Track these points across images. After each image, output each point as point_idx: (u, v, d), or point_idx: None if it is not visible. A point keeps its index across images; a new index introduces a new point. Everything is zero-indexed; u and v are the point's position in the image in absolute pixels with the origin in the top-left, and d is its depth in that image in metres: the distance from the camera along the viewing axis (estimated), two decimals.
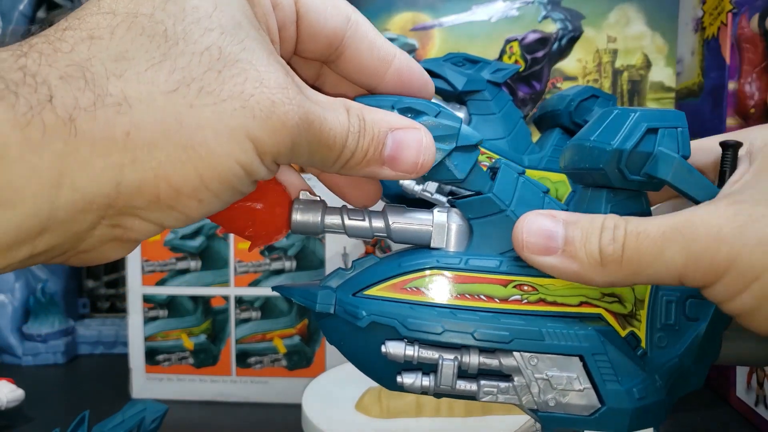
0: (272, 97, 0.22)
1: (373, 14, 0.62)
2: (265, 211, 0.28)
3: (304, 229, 0.29)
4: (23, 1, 0.72)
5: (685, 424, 0.56)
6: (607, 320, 0.28)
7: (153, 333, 0.65)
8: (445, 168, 0.28)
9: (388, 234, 0.29)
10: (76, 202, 0.20)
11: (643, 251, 0.24)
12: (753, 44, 0.58)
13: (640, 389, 0.28)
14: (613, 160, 0.27)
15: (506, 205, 0.28)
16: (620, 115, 0.27)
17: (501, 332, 0.27)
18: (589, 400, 0.28)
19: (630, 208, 0.28)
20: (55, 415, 0.59)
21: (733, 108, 0.59)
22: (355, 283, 0.29)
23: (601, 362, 0.28)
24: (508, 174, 0.29)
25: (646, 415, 0.28)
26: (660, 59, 0.59)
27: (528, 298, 0.28)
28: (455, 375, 0.28)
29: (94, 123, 0.20)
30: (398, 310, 0.28)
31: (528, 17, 0.60)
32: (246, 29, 0.23)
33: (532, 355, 0.28)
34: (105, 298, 0.80)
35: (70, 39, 0.21)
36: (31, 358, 0.72)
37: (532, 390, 0.28)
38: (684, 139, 0.27)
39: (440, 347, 0.28)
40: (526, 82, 0.61)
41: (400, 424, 0.51)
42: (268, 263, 0.64)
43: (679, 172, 0.26)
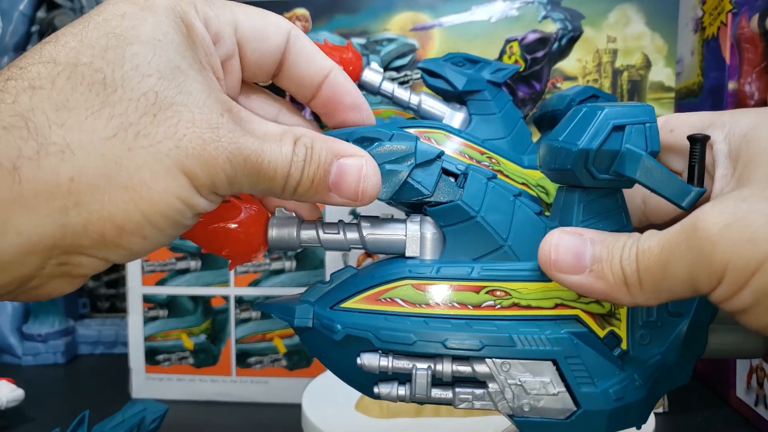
0: (202, 136, 0.24)
1: (373, 14, 0.62)
2: (240, 230, 0.29)
3: (282, 245, 0.30)
4: (23, 1, 0.72)
5: (685, 424, 0.56)
6: (585, 321, 0.28)
7: (153, 333, 0.65)
8: (411, 187, 0.28)
9: (363, 245, 0.30)
10: (20, 246, 0.21)
11: (652, 268, 0.25)
12: (753, 44, 0.58)
13: (617, 390, 0.28)
14: (580, 160, 0.26)
15: (476, 211, 0.29)
16: (588, 114, 0.27)
17: (472, 340, 0.27)
18: (564, 404, 0.28)
19: (603, 207, 0.28)
20: (55, 415, 0.59)
21: (733, 108, 0.59)
22: (333, 296, 0.29)
23: (574, 365, 0.27)
24: (477, 180, 0.29)
25: (625, 415, 0.28)
26: (660, 59, 0.59)
27: (501, 303, 0.28)
28: (429, 384, 0.28)
29: (39, 170, 0.21)
30: (372, 321, 0.28)
31: (528, 17, 0.60)
32: (185, 72, 0.24)
33: (504, 361, 0.28)
34: (105, 298, 0.80)
35: (13, 90, 0.22)
36: (31, 358, 0.72)
37: (506, 396, 0.28)
38: (653, 134, 0.26)
39: (414, 357, 0.28)
40: (525, 82, 0.61)
41: (400, 424, 0.51)
42: (268, 263, 0.64)
43: (647, 169, 0.26)
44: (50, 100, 0.22)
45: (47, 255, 0.22)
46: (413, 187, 0.28)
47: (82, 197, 0.22)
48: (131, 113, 0.23)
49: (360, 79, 0.47)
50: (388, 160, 0.28)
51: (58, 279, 0.24)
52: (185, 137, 0.23)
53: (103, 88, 0.23)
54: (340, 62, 0.46)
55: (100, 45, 0.23)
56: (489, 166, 0.41)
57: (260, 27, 0.28)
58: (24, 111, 0.22)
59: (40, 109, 0.22)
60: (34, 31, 0.74)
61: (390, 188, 0.28)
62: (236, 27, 0.28)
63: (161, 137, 0.23)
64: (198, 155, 0.23)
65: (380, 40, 0.62)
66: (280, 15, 0.67)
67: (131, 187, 0.23)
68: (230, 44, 0.28)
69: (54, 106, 0.22)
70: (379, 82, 0.47)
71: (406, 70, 0.62)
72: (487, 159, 0.41)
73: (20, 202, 0.21)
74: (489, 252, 0.29)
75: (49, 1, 0.73)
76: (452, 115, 0.45)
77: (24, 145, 0.21)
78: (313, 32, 0.63)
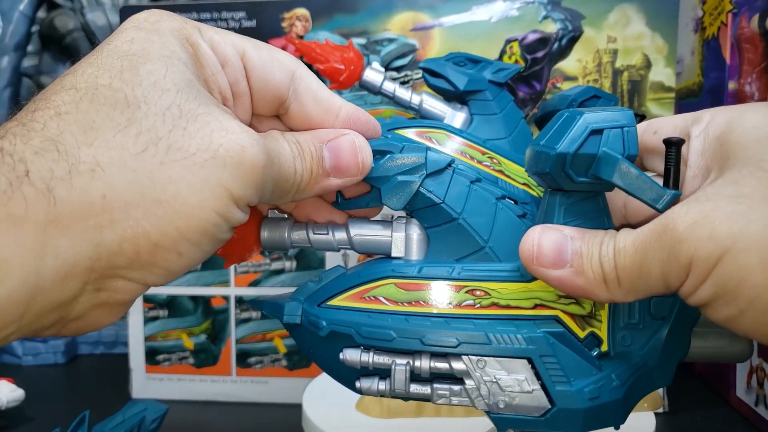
0: (240, 142, 0.24)
1: (373, 14, 0.62)
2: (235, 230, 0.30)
3: (273, 246, 0.31)
4: (23, 1, 0.72)
5: (685, 424, 0.56)
6: (564, 322, 0.29)
7: (153, 333, 0.65)
8: (423, 196, 0.29)
9: (351, 246, 0.31)
10: (59, 269, 0.21)
11: (629, 267, 0.25)
12: (753, 44, 0.58)
13: (593, 390, 0.28)
14: (558, 164, 0.27)
15: (458, 213, 0.29)
16: (568, 118, 0.27)
17: (449, 337, 0.28)
18: (539, 402, 0.28)
19: (584, 210, 0.28)
20: (55, 415, 0.59)
21: None
22: (321, 294, 0.30)
23: (549, 364, 0.28)
24: (460, 183, 0.30)
25: (601, 414, 0.28)
26: (660, 59, 0.59)
27: (480, 302, 0.29)
28: (408, 379, 0.29)
29: (71, 190, 0.21)
30: (355, 318, 0.29)
31: (528, 17, 0.60)
32: (196, 85, 0.25)
33: (479, 358, 0.28)
34: None
35: (41, 118, 0.22)
36: (31, 358, 0.72)
37: (482, 392, 0.28)
38: (631, 138, 0.27)
39: (394, 353, 0.29)
40: (526, 82, 0.61)
41: (401, 423, 0.51)
42: (268, 263, 0.64)
43: (623, 173, 0.26)
44: (77, 123, 0.22)
45: (85, 279, 0.22)
46: (425, 196, 0.29)
47: (115, 214, 0.22)
48: (159, 127, 0.23)
49: (361, 78, 0.47)
50: (399, 171, 0.29)
51: (99, 309, 0.24)
52: (221, 147, 0.23)
53: (127, 106, 0.23)
54: (342, 62, 0.46)
55: (116, 67, 0.24)
56: (490, 167, 0.41)
57: (267, 58, 0.29)
58: (53, 135, 0.22)
59: (68, 131, 0.22)
60: (34, 31, 0.74)
61: (403, 198, 0.29)
62: (243, 54, 0.28)
63: (195, 149, 0.23)
64: (237, 163, 0.23)
65: (380, 40, 0.62)
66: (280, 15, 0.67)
67: (165, 201, 0.22)
68: (238, 69, 0.28)
69: (81, 128, 0.22)
70: (381, 81, 0.47)
71: (406, 70, 0.62)
72: (488, 159, 0.41)
73: (56, 224, 0.21)
74: (471, 253, 0.30)
75: (49, 1, 0.73)
76: (453, 114, 0.45)
77: (56, 167, 0.21)
78: (313, 32, 0.63)
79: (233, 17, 0.64)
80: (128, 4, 0.70)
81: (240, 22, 0.64)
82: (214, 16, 0.64)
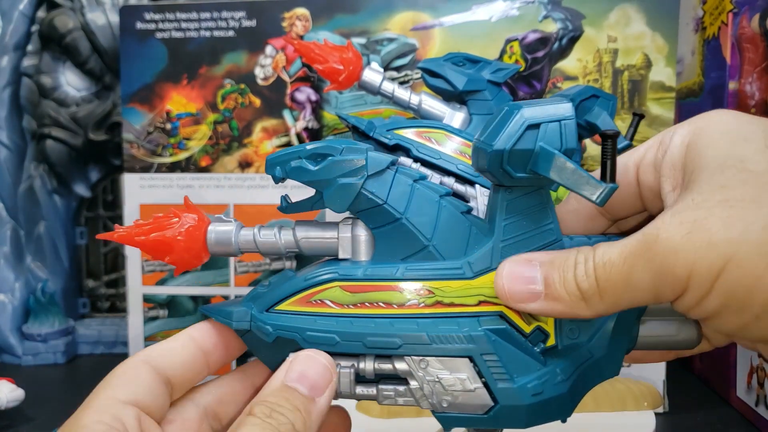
0: None
1: (374, 14, 0.62)
2: (181, 239, 0.30)
3: (222, 251, 0.31)
4: (23, 1, 0.72)
5: (685, 424, 0.56)
6: (509, 317, 0.29)
7: (153, 333, 0.65)
8: (365, 197, 0.29)
9: (298, 248, 0.31)
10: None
11: (614, 280, 0.25)
12: (753, 44, 0.58)
13: (536, 385, 0.28)
14: (495, 160, 0.27)
15: (401, 213, 0.29)
16: (506, 113, 0.27)
17: (391, 339, 0.28)
18: (481, 400, 0.28)
19: (526, 205, 0.28)
20: (55, 415, 0.59)
21: (734, 108, 0.59)
22: (269, 299, 0.30)
23: (490, 362, 0.28)
24: (402, 182, 0.29)
25: (545, 409, 0.28)
26: (660, 59, 0.59)
27: (425, 301, 0.29)
28: (353, 381, 0.29)
29: None
30: (300, 323, 0.29)
31: (528, 17, 0.60)
32: None
33: (421, 358, 0.28)
34: (105, 298, 0.80)
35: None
36: (31, 357, 0.72)
37: (425, 392, 0.28)
38: (569, 132, 0.26)
39: (339, 356, 0.29)
40: (526, 81, 0.61)
41: (401, 424, 0.51)
42: (268, 263, 0.64)
43: (560, 167, 0.26)
44: None
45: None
46: (367, 197, 0.29)
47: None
48: None
49: (360, 79, 0.47)
50: (340, 174, 0.29)
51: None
52: None
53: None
54: (340, 62, 0.46)
55: None
56: None
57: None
58: None
59: None
60: (34, 30, 0.74)
61: (345, 201, 0.29)
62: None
63: None
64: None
65: (380, 39, 0.62)
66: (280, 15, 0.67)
67: None
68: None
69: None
70: (379, 82, 0.47)
71: (406, 69, 0.62)
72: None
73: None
74: (415, 252, 0.29)
75: (49, 1, 0.73)
76: (452, 114, 0.45)
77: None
78: (313, 32, 0.63)
79: (233, 17, 0.64)
80: (128, 4, 0.70)
81: (240, 21, 0.64)
82: (214, 16, 0.64)
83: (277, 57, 0.64)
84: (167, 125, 0.66)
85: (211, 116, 0.65)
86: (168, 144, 0.66)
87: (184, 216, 0.31)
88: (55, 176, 0.75)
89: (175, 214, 0.31)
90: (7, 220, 0.74)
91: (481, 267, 0.29)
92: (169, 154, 0.66)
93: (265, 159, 0.29)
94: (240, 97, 0.65)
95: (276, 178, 0.29)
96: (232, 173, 0.65)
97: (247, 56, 0.64)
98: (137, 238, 0.30)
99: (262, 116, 0.64)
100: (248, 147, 0.65)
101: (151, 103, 0.65)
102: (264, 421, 0.26)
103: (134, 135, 0.66)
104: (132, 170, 0.66)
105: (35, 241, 0.75)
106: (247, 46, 0.64)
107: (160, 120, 0.65)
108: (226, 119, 0.65)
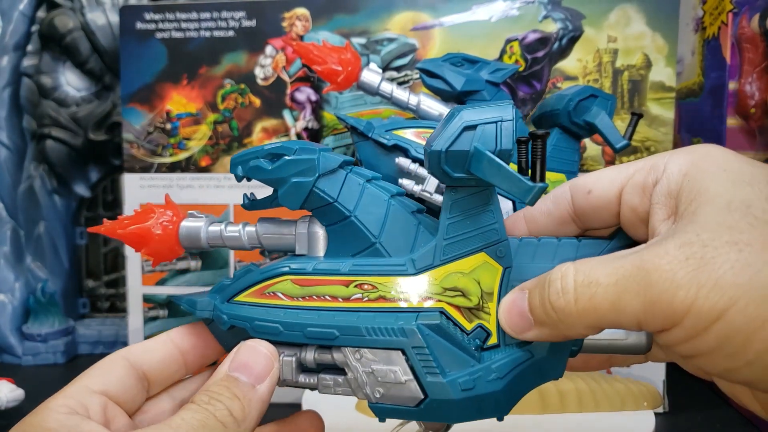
0: None
1: (374, 14, 0.62)
2: (157, 232, 0.33)
3: (192, 245, 0.33)
4: (23, 1, 0.72)
5: (685, 424, 0.56)
6: (450, 314, 0.29)
7: (153, 333, 0.65)
8: (317, 195, 0.30)
9: (260, 244, 0.33)
10: None
11: (598, 301, 0.25)
12: (753, 44, 0.58)
13: (467, 381, 0.28)
14: (434, 161, 0.27)
15: (350, 211, 0.30)
16: (450, 115, 0.28)
17: (329, 330, 0.30)
18: (412, 392, 0.29)
19: (470, 205, 0.29)
20: None
21: (734, 108, 0.59)
22: (231, 290, 0.32)
23: (421, 356, 0.29)
24: (353, 181, 0.31)
25: (477, 405, 0.29)
26: (660, 59, 0.59)
27: (368, 296, 0.30)
28: (295, 369, 0.31)
29: None
30: (252, 313, 0.31)
31: (528, 17, 0.60)
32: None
33: (356, 349, 0.29)
34: (105, 298, 0.80)
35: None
36: (31, 357, 0.72)
37: (359, 382, 0.30)
38: (505, 133, 0.27)
39: (283, 345, 0.31)
40: (526, 81, 0.61)
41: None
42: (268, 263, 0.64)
43: (490, 168, 0.26)
44: None
45: None
46: (319, 195, 0.30)
47: None
48: None
49: (359, 80, 0.47)
50: (294, 172, 0.30)
51: None
52: None
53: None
54: (339, 63, 0.46)
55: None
56: None
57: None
58: None
59: None
60: (34, 30, 0.74)
61: (298, 199, 0.30)
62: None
63: None
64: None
65: (380, 39, 0.62)
66: (280, 15, 0.67)
67: None
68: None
69: None
70: (378, 82, 0.47)
71: (406, 69, 0.62)
72: None
73: None
74: (363, 249, 0.31)
75: (49, 1, 0.73)
76: None
77: None
78: (313, 32, 0.63)
79: (233, 17, 0.64)
80: (128, 4, 0.70)
81: (240, 21, 0.64)
82: (214, 16, 0.64)
83: (277, 57, 0.64)
84: (167, 125, 0.66)
85: (211, 116, 0.65)
86: (168, 144, 0.66)
87: (160, 212, 0.33)
88: (55, 176, 0.75)
89: (153, 210, 0.33)
90: (7, 220, 0.74)
91: (424, 264, 0.30)
92: (169, 154, 0.66)
93: (230, 158, 0.31)
94: (240, 97, 0.65)
95: (238, 176, 0.31)
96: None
97: (247, 56, 0.64)
98: (119, 231, 0.33)
99: (262, 116, 0.64)
100: (248, 147, 0.65)
101: (151, 103, 0.65)
102: (202, 407, 0.27)
103: (134, 135, 0.66)
104: (132, 170, 0.66)
105: (35, 241, 0.75)
106: (247, 46, 0.64)
107: (160, 120, 0.66)
108: (226, 119, 0.65)
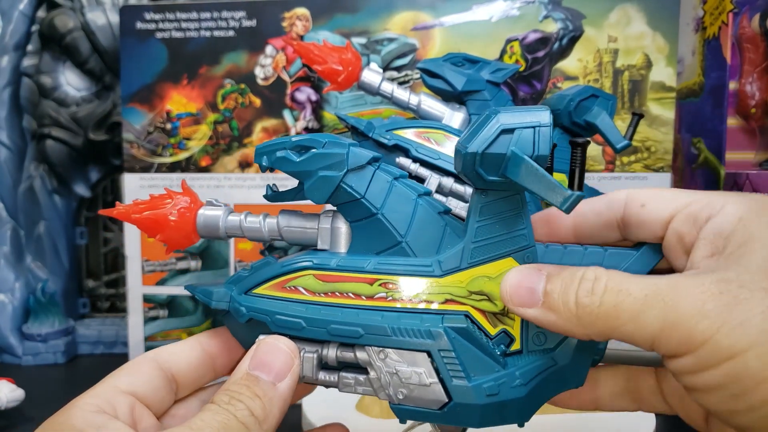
0: None
1: (374, 14, 0.62)
2: (173, 219, 0.32)
3: (209, 234, 0.33)
4: (23, 1, 0.72)
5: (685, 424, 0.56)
6: (475, 318, 0.29)
7: (153, 333, 0.65)
8: (344, 191, 0.30)
9: (281, 236, 0.32)
10: None
11: (622, 309, 0.25)
12: (754, 44, 0.57)
13: (492, 386, 0.28)
14: (469, 163, 0.27)
15: (377, 209, 0.30)
16: (486, 117, 0.27)
17: (353, 328, 0.29)
18: (436, 395, 0.29)
19: (500, 209, 0.29)
20: None
21: (734, 108, 0.59)
22: (249, 282, 0.32)
23: (448, 359, 0.28)
24: (381, 178, 0.30)
25: (500, 411, 0.29)
26: (661, 59, 0.59)
27: (393, 295, 0.30)
28: (315, 366, 0.30)
29: None
30: (272, 307, 0.30)
31: (529, 17, 0.60)
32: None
33: (381, 350, 0.29)
34: (105, 298, 0.80)
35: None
36: (31, 357, 0.72)
37: (383, 382, 0.29)
38: (543, 138, 0.26)
39: (305, 341, 0.30)
40: (526, 81, 0.61)
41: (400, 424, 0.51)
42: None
43: (528, 173, 0.26)
44: None
45: None
46: (346, 191, 0.30)
47: None
48: None
49: (359, 79, 0.47)
50: (321, 166, 0.30)
51: None
52: None
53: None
54: (339, 63, 0.46)
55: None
56: None
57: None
58: None
59: None
60: (34, 30, 0.74)
61: (325, 193, 0.30)
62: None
63: None
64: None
65: (381, 39, 0.62)
66: (280, 15, 0.67)
67: None
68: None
69: None
70: (379, 82, 0.47)
71: (406, 69, 0.62)
72: None
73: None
74: (389, 247, 0.30)
75: (49, 1, 0.73)
76: (451, 115, 0.45)
77: None
78: (314, 32, 0.63)
79: (233, 17, 0.64)
80: (128, 4, 0.70)
81: (240, 21, 0.64)
82: (214, 16, 0.64)
83: (277, 57, 0.64)
84: (167, 125, 0.66)
85: (211, 116, 0.65)
86: (168, 144, 0.66)
87: (178, 198, 0.32)
88: (55, 176, 0.75)
89: (170, 196, 0.33)
90: (7, 220, 0.74)
91: (450, 266, 0.29)
92: (169, 154, 0.66)
93: (255, 148, 0.30)
94: (240, 97, 0.65)
95: (263, 167, 0.30)
96: (232, 173, 0.65)
97: (247, 56, 0.64)
98: (134, 215, 0.32)
99: (262, 116, 0.64)
100: (248, 147, 0.65)
101: (151, 103, 0.65)
102: (222, 407, 0.27)
103: (134, 135, 0.66)
104: (132, 170, 0.66)
105: (35, 241, 0.75)
106: (247, 46, 0.64)
107: (160, 120, 0.66)
108: (226, 119, 0.65)
